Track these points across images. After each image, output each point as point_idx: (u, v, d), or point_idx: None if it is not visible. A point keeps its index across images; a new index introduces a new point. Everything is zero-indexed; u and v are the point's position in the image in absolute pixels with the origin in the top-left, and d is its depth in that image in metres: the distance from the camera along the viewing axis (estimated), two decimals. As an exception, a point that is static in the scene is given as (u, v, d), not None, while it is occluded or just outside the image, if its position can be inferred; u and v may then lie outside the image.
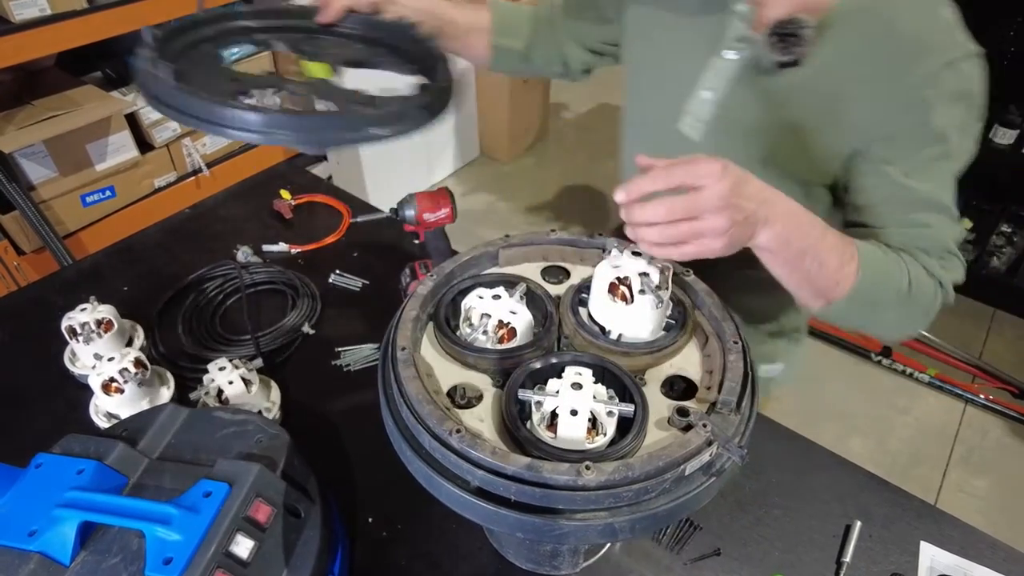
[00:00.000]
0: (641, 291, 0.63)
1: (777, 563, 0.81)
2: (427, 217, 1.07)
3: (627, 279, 0.63)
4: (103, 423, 0.93)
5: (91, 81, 2.17)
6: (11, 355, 1.11)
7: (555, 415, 0.57)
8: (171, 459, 0.69)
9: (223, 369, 0.92)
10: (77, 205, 2.11)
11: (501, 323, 0.66)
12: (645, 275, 0.63)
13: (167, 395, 0.96)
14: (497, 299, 0.68)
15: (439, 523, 0.85)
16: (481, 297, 0.69)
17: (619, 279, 0.63)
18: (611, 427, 0.57)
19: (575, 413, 0.56)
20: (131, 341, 1.06)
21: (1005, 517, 1.89)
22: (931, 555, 0.82)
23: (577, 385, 0.58)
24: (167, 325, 1.14)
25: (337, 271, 1.27)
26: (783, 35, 0.73)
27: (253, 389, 0.93)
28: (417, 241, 1.12)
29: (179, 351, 1.09)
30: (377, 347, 1.09)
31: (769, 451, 0.94)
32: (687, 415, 0.57)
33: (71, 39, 1.84)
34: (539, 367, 0.62)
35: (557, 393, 0.58)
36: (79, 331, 0.97)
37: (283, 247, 1.33)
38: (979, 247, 2.39)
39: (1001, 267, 2.36)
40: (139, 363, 0.91)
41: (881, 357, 2.31)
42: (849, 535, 0.84)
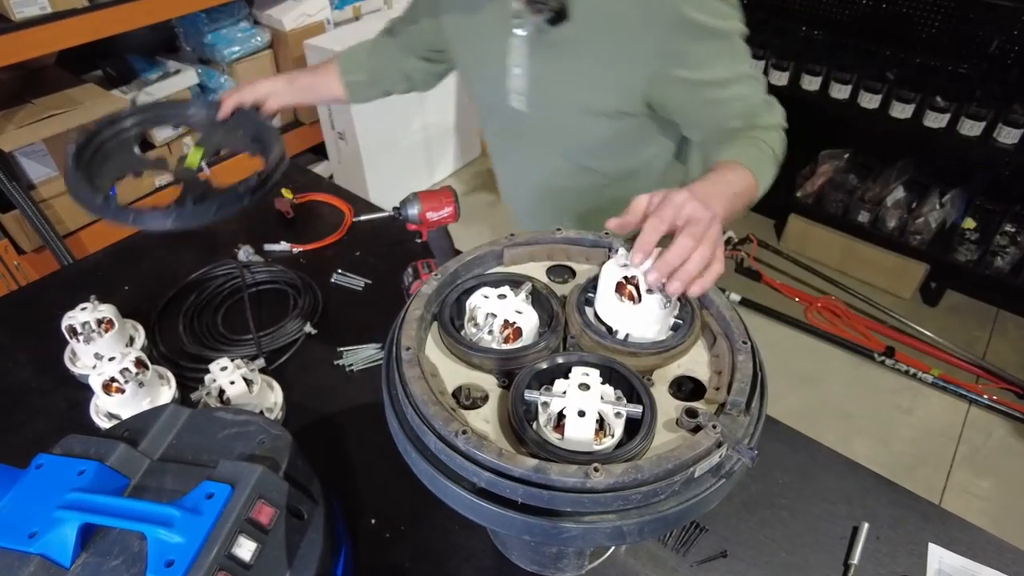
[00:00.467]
0: (649, 290, 0.62)
1: (784, 565, 0.81)
2: (430, 216, 1.06)
3: (634, 278, 0.62)
4: (104, 423, 0.92)
5: (91, 80, 2.17)
6: (11, 355, 1.10)
7: (562, 416, 0.56)
8: (173, 460, 0.69)
9: (225, 369, 0.91)
10: (78, 204, 2.10)
11: (507, 323, 0.65)
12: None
13: (168, 395, 0.96)
14: (503, 298, 0.67)
15: (442, 524, 0.84)
16: (486, 296, 0.68)
17: (626, 278, 0.62)
18: (619, 428, 0.57)
19: (583, 414, 0.55)
20: (132, 341, 1.05)
21: (1010, 518, 1.88)
22: (939, 557, 0.82)
23: (584, 386, 0.57)
24: (168, 325, 1.13)
25: (339, 270, 1.27)
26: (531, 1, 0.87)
27: (255, 389, 0.92)
28: (420, 240, 1.11)
29: (180, 351, 1.08)
30: (379, 347, 1.08)
31: (775, 452, 0.93)
32: (696, 416, 0.57)
33: (71, 38, 1.83)
34: (545, 367, 0.61)
35: (564, 394, 0.57)
36: (79, 331, 0.97)
37: (285, 246, 1.33)
38: (982, 247, 2.37)
39: (1005, 267, 2.35)
40: (140, 363, 0.91)
41: (884, 357, 2.30)
42: (856, 537, 0.83)
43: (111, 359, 0.89)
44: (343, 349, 1.09)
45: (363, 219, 1.42)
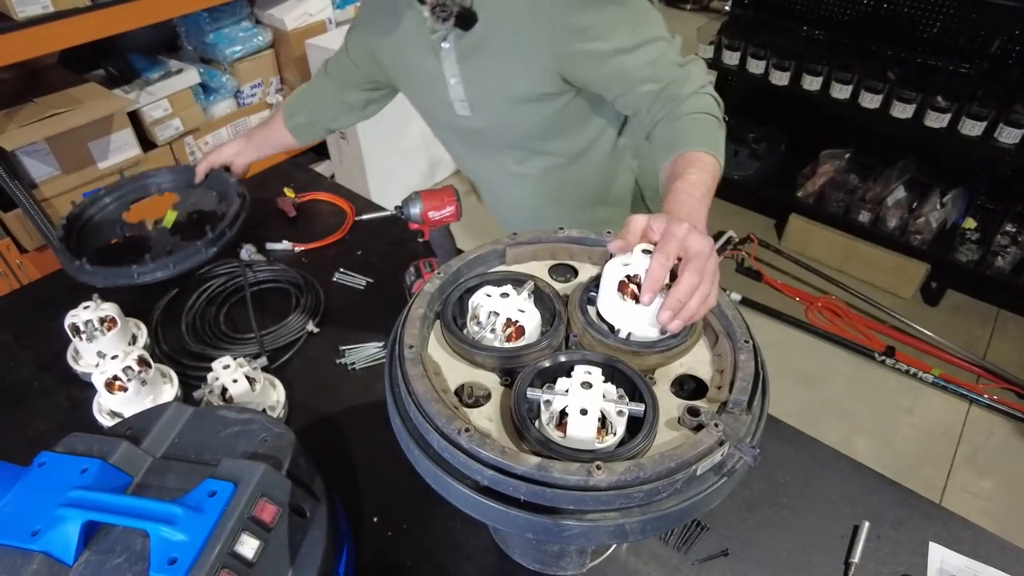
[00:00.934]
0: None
1: (785, 564, 0.81)
2: (432, 215, 1.06)
3: (637, 277, 0.62)
4: (106, 421, 0.92)
5: (93, 79, 2.17)
6: (14, 353, 1.11)
7: (564, 414, 0.56)
8: (175, 458, 0.69)
9: (227, 367, 0.91)
10: (79, 203, 2.11)
11: (509, 321, 0.65)
12: None
13: (171, 393, 0.96)
14: (505, 297, 0.68)
15: (444, 523, 0.84)
16: (489, 295, 0.68)
17: (629, 277, 0.62)
18: (621, 427, 0.57)
19: (585, 412, 0.55)
20: (134, 339, 1.05)
21: (1011, 518, 1.88)
22: (940, 556, 0.82)
23: (587, 384, 0.57)
24: (171, 323, 1.13)
25: (341, 269, 1.27)
26: (434, 8, 0.91)
27: (257, 387, 0.92)
28: (421, 240, 1.11)
29: (183, 349, 1.08)
30: (381, 346, 1.08)
31: (777, 451, 0.93)
32: (698, 415, 0.57)
33: (74, 37, 1.83)
34: (548, 366, 0.62)
35: (566, 392, 0.57)
36: (82, 329, 0.97)
37: (287, 245, 1.33)
38: (983, 247, 2.37)
39: (1006, 267, 2.35)
40: (142, 361, 0.91)
41: (885, 357, 2.30)
42: (857, 536, 0.83)
43: (114, 357, 0.89)
44: (345, 348, 1.09)
45: (365, 218, 1.42)
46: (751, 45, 2.58)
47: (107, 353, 0.91)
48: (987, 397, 2.18)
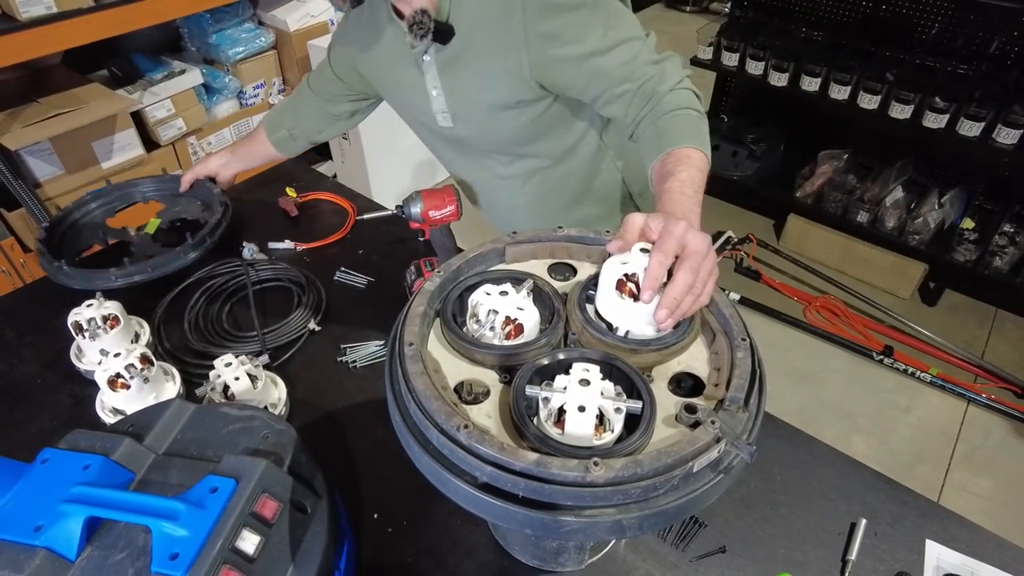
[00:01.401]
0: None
1: (782, 561, 0.81)
2: (432, 215, 1.07)
3: (635, 275, 0.63)
4: (109, 419, 0.93)
5: (97, 79, 2.18)
6: (17, 351, 1.11)
7: (562, 411, 0.57)
8: (177, 455, 0.69)
9: (229, 365, 0.92)
10: (81, 203, 2.11)
11: (508, 319, 0.66)
12: None
13: (173, 391, 0.96)
14: (504, 295, 0.68)
15: (444, 520, 0.85)
16: (488, 293, 0.69)
17: (627, 276, 0.63)
18: (619, 424, 0.57)
19: (583, 409, 0.56)
20: (137, 337, 1.06)
21: (1008, 517, 1.89)
22: (937, 553, 0.82)
23: (585, 381, 0.58)
24: (173, 321, 1.14)
25: (342, 268, 1.27)
26: (411, 26, 0.92)
27: (259, 385, 0.93)
28: (422, 239, 1.12)
29: (185, 347, 1.09)
30: (381, 344, 1.09)
31: (774, 449, 0.94)
32: (695, 412, 0.57)
33: (77, 37, 1.84)
34: (546, 363, 0.62)
35: (565, 389, 0.58)
36: (85, 327, 0.98)
37: (289, 244, 1.34)
38: (982, 247, 2.38)
39: (1004, 267, 2.35)
40: (145, 359, 0.91)
41: (883, 356, 2.31)
42: (854, 533, 0.83)
43: (116, 355, 0.90)
44: (346, 346, 1.10)
45: (366, 217, 1.43)
46: (750, 46, 2.59)
47: (110, 351, 0.91)
48: (985, 396, 2.19)
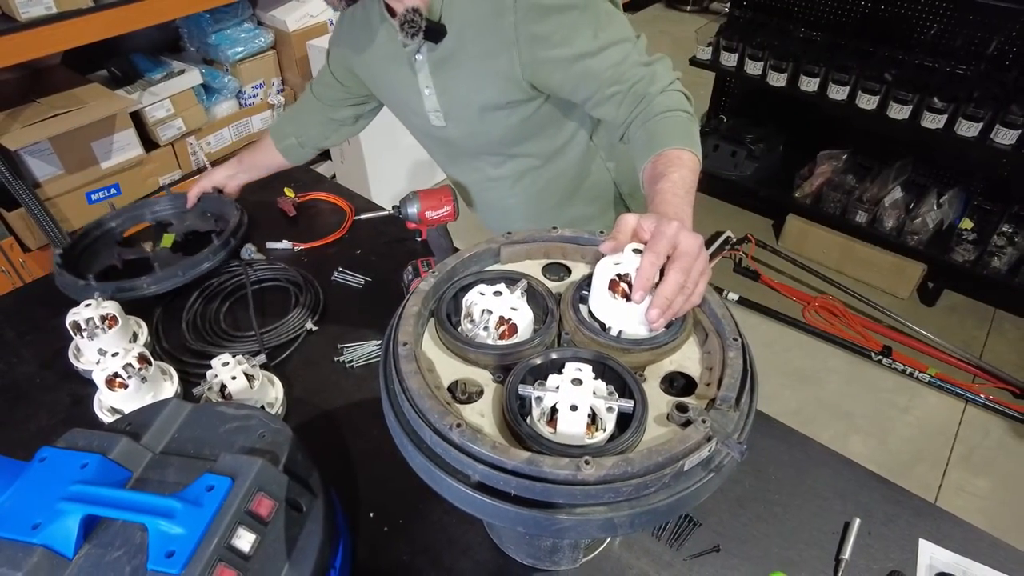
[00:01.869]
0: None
1: (776, 560, 0.82)
2: (429, 215, 1.07)
3: (627, 276, 0.63)
4: (107, 418, 0.93)
5: (97, 79, 2.18)
6: (16, 351, 1.12)
7: (555, 411, 0.57)
8: (174, 453, 0.70)
9: (226, 364, 0.92)
10: (82, 202, 2.12)
11: (502, 319, 0.66)
12: None
13: (171, 390, 0.97)
14: (498, 295, 0.69)
15: (440, 519, 0.85)
16: (483, 293, 0.69)
17: (620, 276, 0.63)
18: (611, 423, 0.58)
19: (575, 408, 0.56)
20: (135, 337, 1.06)
21: (1006, 517, 1.89)
22: (930, 553, 0.83)
23: (577, 381, 0.58)
24: (171, 321, 1.15)
25: (340, 268, 1.28)
26: (403, 24, 0.92)
27: (256, 385, 0.93)
28: (419, 239, 1.12)
29: (183, 347, 1.09)
30: (379, 344, 1.09)
31: (769, 448, 0.94)
32: (686, 411, 0.58)
33: (76, 38, 1.84)
34: (539, 363, 0.63)
35: (557, 389, 0.58)
36: (83, 327, 0.98)
37: (287, 244, 1.34)
38: (980, 247, 2.38)
39: (1002, 267, 2.35)
40: (143, 359, 0.92)
41: (882, 357, 2.31)
42: (848, 532, 0.84)
43: (114, 355, 0.90)
44: (343, 346, 1.10)
45: (363, 218, 1.43)
46: (749, 46, 2.59)
47: (108, 350, 0.92)
48: (983, 396, 2.19)
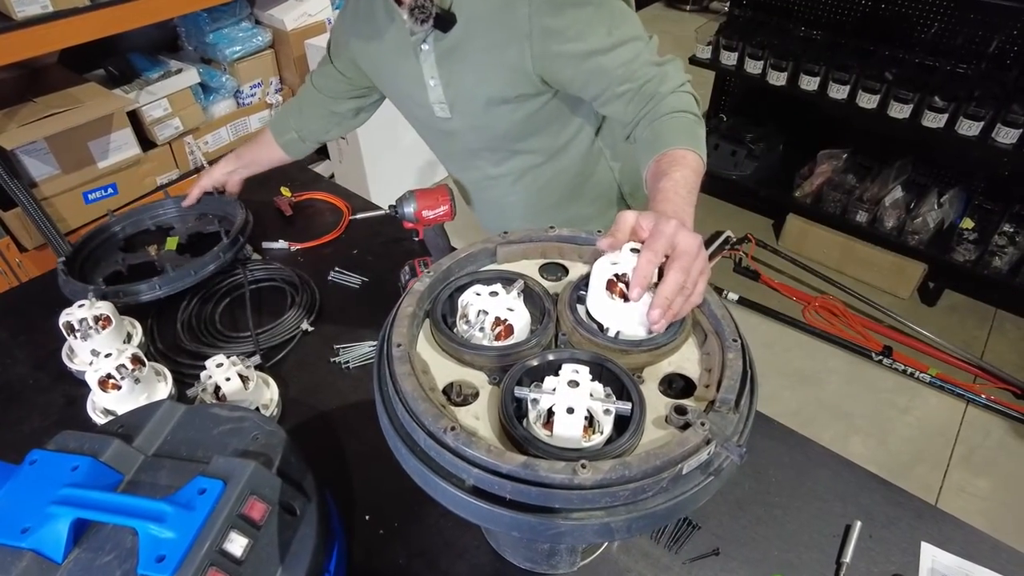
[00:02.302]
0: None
1: (776, 563, 0.81)
2: (426, 214, 1.07)
3: (625, 276, 0.62)
4: (100, 419, 0.92)
5: (93, 78, 2.17)
6: (10, 351, 1.11)
7: (552, 413, 0.56)
8: (167, 456, 0.69)
9: (221, 366, 0.91)
10: (79, 202, 2.11)
11: (498, 320, 0.66)
12: None
13: (164, 392, 0.96)
14: (494, 296, 0.68)
15: (436, 521, 0.85)
16: (478, 294, 0.68)
17: (617, 276, 0.62)
18: (608, 425, 0.57)
19: (571, 411, 0.55)
20: (129, 338, 1.05)
21: (1007, 518, 1.88)
22: (932, 556, 0.82)
23: (574, 383, 0.58)
24: (166, 321, 1.14)
25: (336, 268, 1.27)
26: (412, 11, 0.91)
27: (251, 386, 0.93)
28: (416, 238, 1.11)
29: (177, 348, 1.08)
30: (375, 345, 1.08)
31: (769, 450, 0.93)
32: (685, 413, 0.57)
33: (73, 36, 1.83)
34: (536, 364, 0.62)
35: (554, 391, 0.57)
36: (76, 327, 0.97)
37: (283, 244, 1.33)
38: (981, 247, 2.37)
39: (1003, 267, 2.35)
40: (136, 359, 0.91)
41: (882, 357, 2.30)
42: (849, 535, 0.83)
43: (108, 356, 0.90)
44: (339, 346, 1.09)
45: (360, 217, 1.42)
46: (749, 45, 2.58)
47: (101, 351, 0.91)
48: (984, 397, 2.18)
